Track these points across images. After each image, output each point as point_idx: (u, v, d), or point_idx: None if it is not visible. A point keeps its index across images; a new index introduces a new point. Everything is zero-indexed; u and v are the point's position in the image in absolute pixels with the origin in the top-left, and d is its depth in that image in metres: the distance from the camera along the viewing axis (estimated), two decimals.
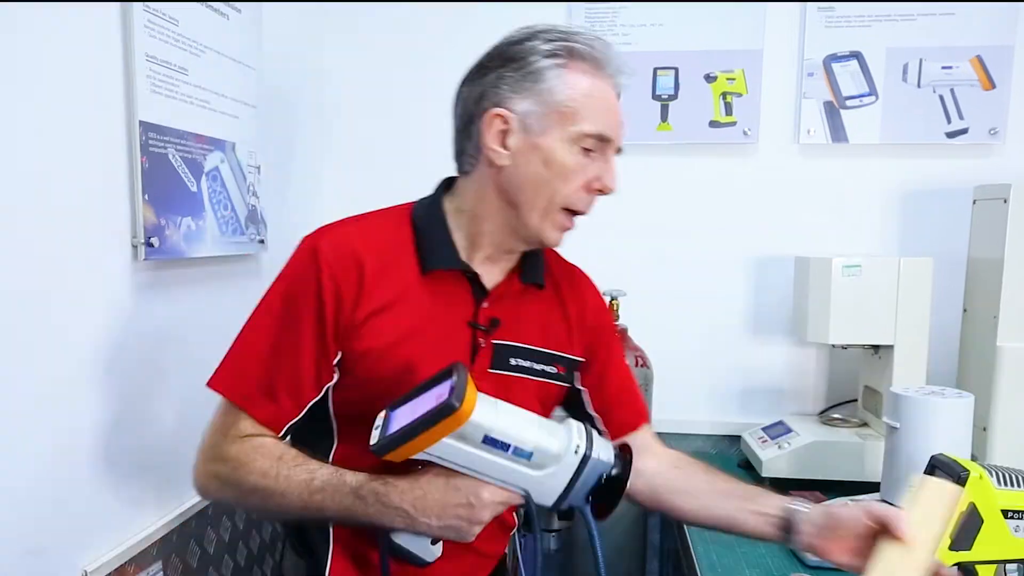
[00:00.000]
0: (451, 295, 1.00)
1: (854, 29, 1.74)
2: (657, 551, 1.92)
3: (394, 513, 0.87)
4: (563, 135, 0.95)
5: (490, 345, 1.01)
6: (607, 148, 0.98)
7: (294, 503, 0.90)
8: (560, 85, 0.95)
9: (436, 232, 1.01)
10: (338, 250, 0.95)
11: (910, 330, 1.50)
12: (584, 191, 0.98)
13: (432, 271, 0.98)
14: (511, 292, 1.03)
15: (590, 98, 0.95)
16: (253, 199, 1.63)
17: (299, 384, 0.95)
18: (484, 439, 0.83)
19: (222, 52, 1.48)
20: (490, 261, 1.02)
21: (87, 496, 1.17)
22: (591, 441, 0.87)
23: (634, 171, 1.84)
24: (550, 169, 0.95)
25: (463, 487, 0.86)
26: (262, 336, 0.96)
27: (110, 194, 1.19)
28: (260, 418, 0.94)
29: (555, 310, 1.09)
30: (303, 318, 0.94)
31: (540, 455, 0.85)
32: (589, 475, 0.86)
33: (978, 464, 0.87)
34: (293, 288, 0.96)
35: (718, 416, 1.88)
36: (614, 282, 1.82)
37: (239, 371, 0.96)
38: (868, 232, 1.79)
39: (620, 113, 0.99)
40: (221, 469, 0.93)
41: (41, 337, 1.06)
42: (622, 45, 1.81)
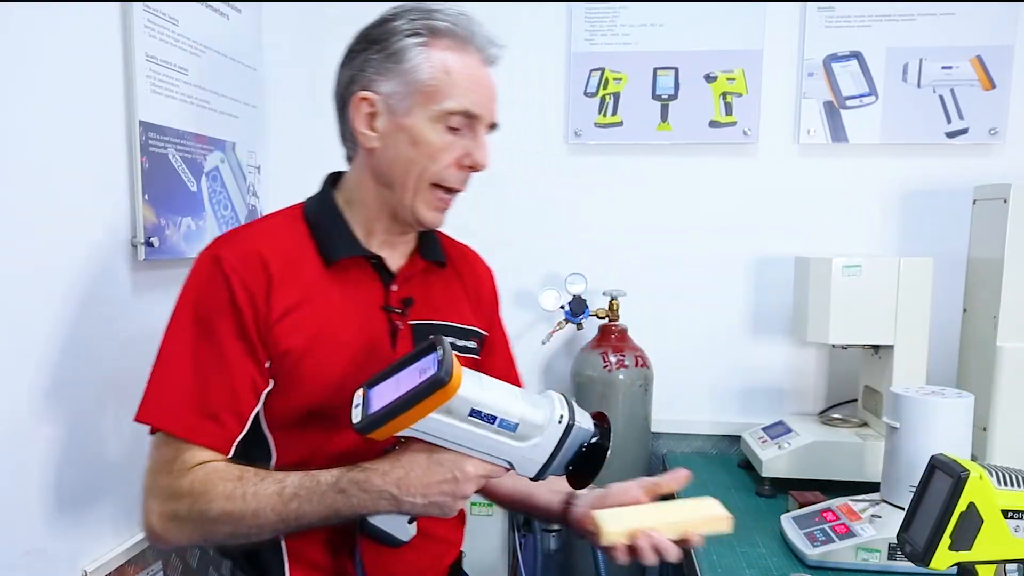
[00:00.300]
0: (359, 283, 1.00)
1: (854, 29, 1.74)
2: None
3: (378, 497, 0.85)
4: (428, 114, 0.95)
5: (408, 327, 1.01)
6: (476, 124, 0.98)
7: (268, 518, 0.86)
8: (423, 64, 0.94)
9: (332, 224, 1.01)
10: (241, 254, 0.94)
11: (910, 330, 1.50)
12: (455, 168, 0.98)
13: (336, 263, 0.98)
14: (416, 272, 1.05)
15: (453, 75, 0.95)
16: (253, 199, 1.63)
17: (236, 397, 0.92)
18: (471, 412, 0.82)
19: (222, 52, 1.48)
20: (388, 245, 1.04)
21: (87, 496, 1.17)
22: (573, 410, 0.88)
23: (634, 171, 1.85)
24: (417, 148, 0.96)
25: (447, 462, 0.85)
26: (185, 359, 0.91)
27: (110, 194, 1.20)
28: (206, 443, 0.90)
29: (457, 287, 1.12)
30: (222, 330, 0.91)
31: (525, 426, 0.85)
32: (571, 444, 0.87)
33: (978, 464, 0.87)
34: (204, 303, 0.93)
35: (718, 416, 1.87)
36: (614, 282, 1.82)
37: (170, 400, 0.91)
38: (868, 232, 1.79)
39: (491, 87, 0.99)
40: (178, 507, 0.88)
41: (42, 336, 1.06)
42: (622, 45, 1.81)
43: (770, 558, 1.26)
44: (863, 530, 1.21)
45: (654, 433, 1.83)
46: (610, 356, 1.72)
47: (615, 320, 1.78)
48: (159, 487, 0.90)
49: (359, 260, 1.01)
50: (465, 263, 1.16)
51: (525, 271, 1.89)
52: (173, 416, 0.90)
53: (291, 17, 1.79)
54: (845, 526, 1.23)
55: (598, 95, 1.83)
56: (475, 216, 1.88)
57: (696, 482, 1.63)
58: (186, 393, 0.90)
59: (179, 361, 0.92)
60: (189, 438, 0.90)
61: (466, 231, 1.29)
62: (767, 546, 1.30)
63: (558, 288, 1.79)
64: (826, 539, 1.22)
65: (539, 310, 1.83)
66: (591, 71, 1.83)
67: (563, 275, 1.80)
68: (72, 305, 1.12)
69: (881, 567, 1.18)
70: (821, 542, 1.22)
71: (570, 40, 1.83)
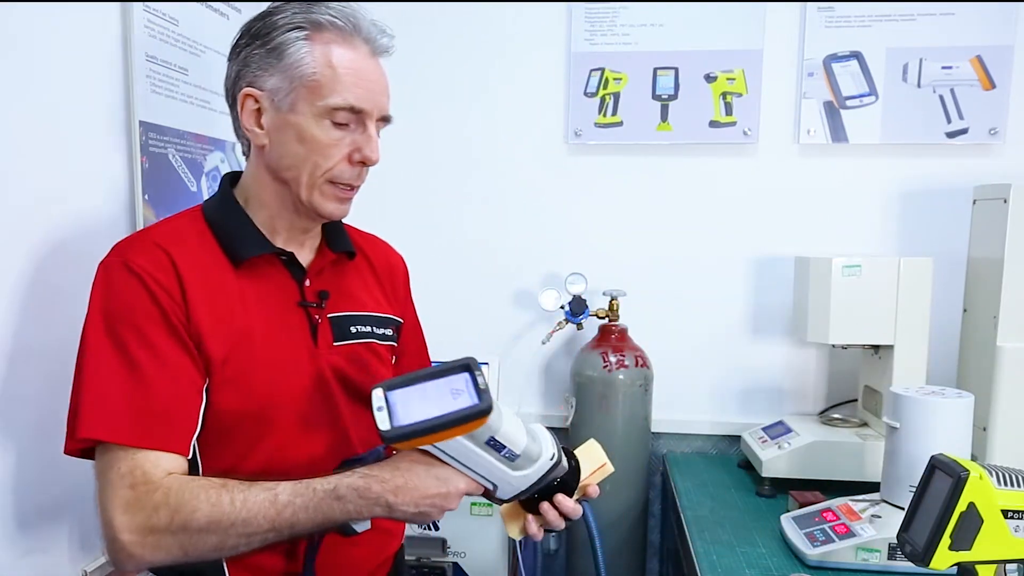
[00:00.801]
0: (271, 281, 0.98)
1: (854, 29, 1.74)
2: (657, 551, 1.92)
3: (374, 504, 0.85)
4: (312, 110, 0.92)
5: (327, 320, 1.01)
6: (364, 119, 0.94)
7: (261, 526, 0.83)
8: (305, 58, 0.92)
9: (235, 223, 0.97)
10: (141, 250, 0.90)
11: (910, 330, 1.50)
12: (347, 163, 0.95)
13: (244, 262, 0.95)
14: (327, 264, 1.03)
15: (337, 69, 0.92)
16: None
17: (181, 394, 0.87)
18: (488, 440, 0.85)
19: (222, 52, 1.48)
20: (295, 240, 1.01)
21: (88, 496, 1.17)
22: (559, 449, 0.93)
23: (634, 171, 1.85)
24: (305, 145, 0.93)
25: (443, 477, 0.87)
26: (115, 367, 0.85)
27: (110, 194, 1.19)
28: (163, 446, 0.85)
29: (369, 276, 1.11)
30: (150, 330, 0.87)
31: (524, 458, 0.89)
32: (550, 478, 0.91)
33: (978, 464, 0.87)
34: (123, 308, 0.87)
35: (718, 416, 1.88)
36: (614, 282, 1.82)
37: (112, 411, 0.84)
38: (868, 232, 1.79)
39: (379, 79, 0.96)
40: (156, 520, 0.81)
41: (41, 337, 1.06)
42: (622, 45, 1.81)
43: (770, 558, 1.26)
44: (863, 530, 1.21)
45: (654, 433, 1.83)
46: (610, 356, 1.72)
47: (615, 320, 1.78)
48: (123, 502, 0.82)
49: (268, 258, 0.98)
50: (376, 251, 1.14)
51: (525, 271, 1.89)
52: (117, 425, 0.83)
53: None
54: (845, 526, 1.23)
55: (598, 95, 1.83)
56: (476, 216, 1.89)
57: (696, 482, 1.65)
58: (125, 400, 0.84)
59: (110, 369, 0.85)
60: (141, 444, 0.83)
61: (467, 231, 1.29)
62: (767, 546, 1.30)
63: (558, 288, 1.79)
64: (826, 539, 1.22)
65: (539, 310, 1.83)
66: (591, 71, 1.83)
67: (563, 275, 1.80)
68: (72, 305, 1.12)
69: (881, 567, 1.18)
70: (821, 542, 1.22)
71: (570, 40, 1.83)
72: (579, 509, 0.95)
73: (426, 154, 1.90)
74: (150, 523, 0.82)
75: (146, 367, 0.86)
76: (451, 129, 1.89)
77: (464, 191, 1.89)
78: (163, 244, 0.91)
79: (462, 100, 1.87)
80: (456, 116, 1.88)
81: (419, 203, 1.93)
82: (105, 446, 0.84)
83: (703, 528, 1.39)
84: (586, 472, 0.97)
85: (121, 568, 0.84)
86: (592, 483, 0.97)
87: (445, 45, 1.85)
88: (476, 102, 1.87)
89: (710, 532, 1.38)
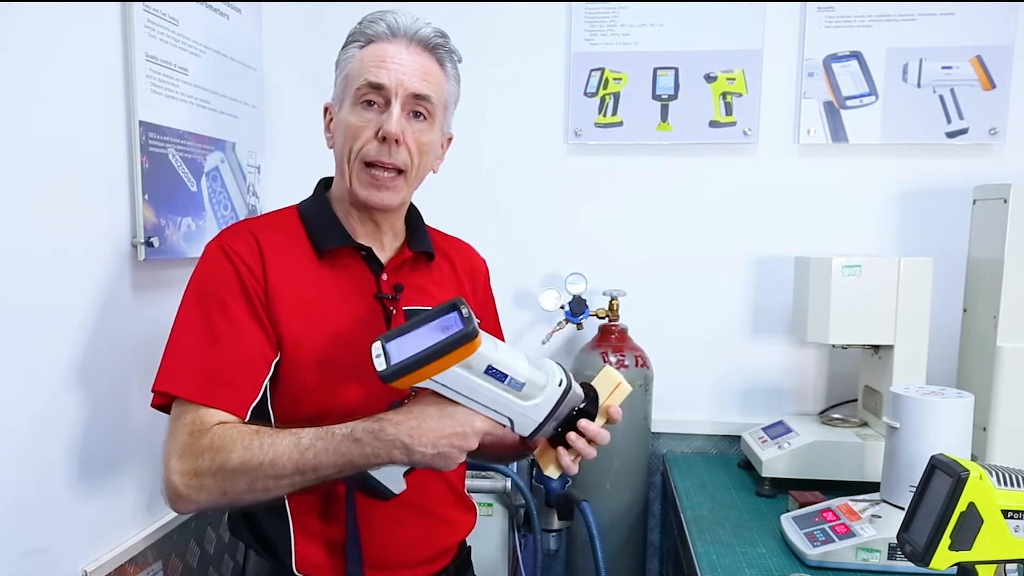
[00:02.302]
0: (351, 273, 1.06)
1: (854, 29, 1.74)
2: (657, 551, 1.92)
3: (391, 446, 0.88)
4: (349, 101, 1.03)
5: (401, 312, 1.07)
6: (387, 96, 1.01)
7: (286, 468, 0.89)
8: (351, 62, 1.04)
9: (324, 218, 1.08)
10: (235, 234, 1.03)
11: (910, 330, 1.50)
12: (375, 142, 1.02)
13: (327, 253, 1.04)
14: (405, 262, 1.10)
15: (363, 59, 1.02)
16: (253, 199, 1.63)
17: (248, 364, 0.96)
18: (487, 369, 0.88)
19: (222, 52, 1.48)
20: (376, 239, 1.09)
21: (87, 496, 1.17)
22: (570, 376, 0.95)
23: (634, 171, 1.85)
24: (344, 132, 1.03)
25: (456, 415, 0.90)
26: (197, 332, 0.96)
27: (110, 194, 1.19)
28: (221, 406, 0.94)
29: (449, 275, 1.17)
30: (232, 303, 0.97)
31: (530, 386, 0.91)
32: (566, 407, 0.94)
33: (978, 464, 0.87)
34: (212, 282, 0.99)
35: (718, 416, 1.88)
36: (614, 282, 1.82)
37: (185, 369, 0.95)
38: (868, 232, 1.79)
39: (406, 61, 1.02)
40: (199, 463, 0.90)
41: (41, 337, 1.06)
42: (622, 45, 1.81)
43: (770, 558, 1.26)
44: (863, 530, 1.21)
45: (654, 433, 1.83)
46: (610, 356, 1.72)
47: (615, 320, 1.78)
48: (180, 447, 0.92)
49: (349, 251, 1.06)
50: (459, 253, 1.22)
51: (525, 271, 1.89)
52: (188, 383, 0.94)
53: (291, 17, 1.79)
54: (845, 526, 1.23)
55: (598, 95, 1.83)
56: (476, 216, 1.88)
57: (696, 482, 1.65)
58: (200, 361, 0.95)
59: (191, 334, 0.96)
60: (205, 402, 0.93)
61: (467, 231, 1.29)
62: (767, 546, 1.30)
63: (558, 288, 1.79)
64: (826, 539, 1.22)
65: (539, 310, 1.83)
66: (591, 71, 1.83)
67: (563, 275, 1.80)
68: (72, 305, 1.12)
69: (881, 567, 1.18)
70: (821, 542, 1.22)
71: (570, 40, 1.83)
72: (606, 434, 0.98)
73: None
74: (196, 466, 0.90)
75: (223, 335, 0.96)
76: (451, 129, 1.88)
77: (464, 191, 1.89)
78: (254, 230, 1.03)
79: (462, 100, 1.87)
80: (456, 116, 1.88)
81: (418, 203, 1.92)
82: (177, 400, 0.95)
83: (703, 528, 1.39)
84: (603, 396, 0.99)
85: (175, 508, 0.94)
86: (612, 404, 0.99)
87: None
88: (476, 102, 1.87)
89: (710, 532, 1.38)
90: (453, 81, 1.12)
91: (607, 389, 1.00)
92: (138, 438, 1.26)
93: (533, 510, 1.64)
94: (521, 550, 1.73)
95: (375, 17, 1.04)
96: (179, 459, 0.91)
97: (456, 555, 1.14)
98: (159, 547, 1.31)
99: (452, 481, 1.10)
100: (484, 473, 1.69)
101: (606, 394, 0.99)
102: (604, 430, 0.98)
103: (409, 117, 1.03)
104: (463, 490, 1.16)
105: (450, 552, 1.13)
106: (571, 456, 0.98)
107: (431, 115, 1.06)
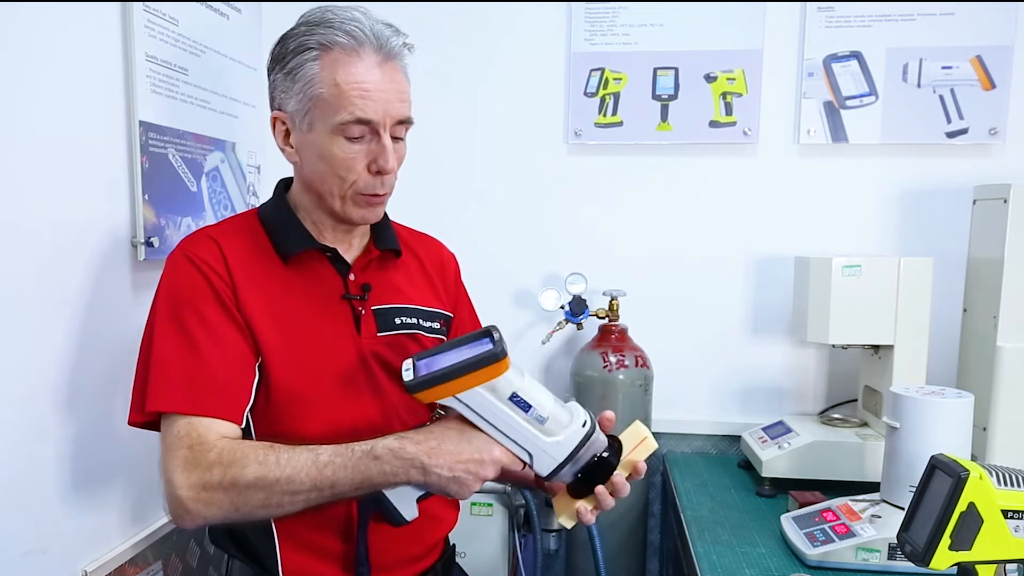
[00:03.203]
0: (317, 276, 1.04)
1: (854, 29, 1.74)
2: (657, 551, 1.92)
3: (409, 465, 0.88)
4: (326, 128, 0.96)
5: (370, 312, 1.05)
6: (376, 128, 0.97)
7: (303, 484, 0.87)
8: (314, 79, 0.95)
9: (285, 222, 1.05)
10: (197, 242, 1.00)
11: (910, 330, 1.50)
12: (369, 174, 0.99)
13: (292, 256, 1.02)
14: (372, 261, 1.08)
15: (341, 86, 0.95)
16: (253, 199, 1.63)
17: (236, 369, 0.95)
18: (511, 396, 0.88)
19: (222, 52, 1.48)
20: (342, 240, 1.07)
21: (87, 496, 1.17)
22: (594, 422, 0.94)
23: (634, 171, 1.85)
24: (326, 163, 0.98)
25: (476, 441, 0.89)
26: (177, 346, 0.94)
27: (110, 194, 1.20)
28: (215, 414, 0.92)
29: (418, 273, 1.15)
30: (208, 311, 0.95)
31: (553, 422, 0.90)
32: (587, 451, 0.92)
33: (978, 464, 0.87)
34: (182, 291, 0.96)
35: (718, 416, 1.87)
36: (614, 282, 1.82)
37: (171, 384, 0.92)
38: (868, 232, 1.79)
39: (388, 86, 0.97)
40: (208, 477, 0.88)
41: (41, 337, 1.06)
42: (622, 45, 1.81)
43: (770, 558, 1.26)
44: (863, 530, 1.21)
45: (654, 433, 1.82)
46: (610, 356, 1.72)
47: (615, 320, 1.78)
48: (182, 461, 0.89)
49: (314, 253, 1.04)
50: (426, 248, 1.20)
51: (525, 271, 1.89)
52: (175, 396, 0.92)
53: (291, 17, 1.78)
54: (845, 526, 1.23)
55: (598, 95, 1.83)
56: (476, 216, 1.89)
57: (696, 482, 1.65)
58: (187, 374, 0.93)
59: (172, 348, 0.94)
60: (195, 411, 0.91)
61: (467, 231, 1.29)
62: (767, 546, 1.30)
63: (558, 288, 1.79)
64: (826, 539, 1.22)
65: (539, 310, 1.83)
66: (591, 71, 1.83)
67: (563, 275, 1.80)
68: (72, 305, 1.12)
69: (881, 567, 1.18)
70: (821, 542, 1.22)
71: (570, 40, 1.83)
72: (626, 486, 0.97)
73: (426, 154, 1.90)
74: (204, 480, 0.88)
75: (203, 344, 0.94)
76: (451, 129, 1.88)
77: (464, 191, 1.89)
78: (215, 236, 1.01)
79: (462, 100, 1.87)
80: (456, 116, 1.88)
81: (418, 203, 1.92)
82: (168, 416, 0.92)
83: (703, 528, 1.39)
84: (627, 449, 0.98)
85: (180, 524, 0.91)
86: (637, 459, 0.97)
87: (445, 45, 1.85)
88: (476, 102, 1.87)
89: (710, 532, 1.38)
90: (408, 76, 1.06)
91: (632, 443, 0.98)
92: (138, 438, 1.26)
93: (533, 510, 1.65)
94: (521, 550, 1.73)
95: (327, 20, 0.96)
96: (183, 473, 0.88)
97: (443, 551, 1.15)
98: (159, 547, 1.31)
99: None
100: None
101: (631, 447, 0.98)
102: (627, 483, 0.97)
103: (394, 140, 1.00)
104: None
105: (437, 548, 1.13)
106: (590, 506, 0.96)
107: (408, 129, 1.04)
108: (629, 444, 0.98)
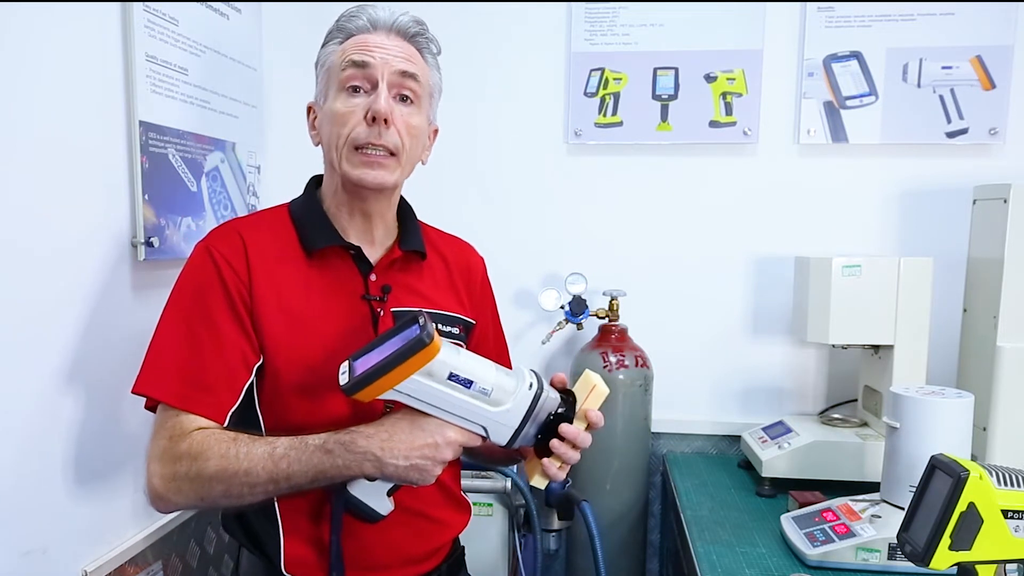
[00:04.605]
0: (339, 274, 1.05)
1: (854, 29, 1.74)
2: (657, 551, 1.92)
3: (363, 458, 0.89)
4: (334, 90, 1.02)
5: (389, 313, 1.05)
6: (373, 76, 1.00)
7: (260, 476, 0.90)
8: (329, 57, 1.04)
9: (314, 217, 1.07)
10: (221, 234, 1.03)
11: (910, 330, 1.50)
12: (364, 125, 1.01)
13: (316, 252, 1.03)
14: (395, 262, 1.09)
15: (344, 50, 1.02)
16: (253, 199, 1.63)
17: (228, 370, 0.96)
18: (449, 375, 0.88)
19: (222, 52, 1.48)
20: (367, 236, 1.08)
21: (87, 495, 1.17)
22: (541, 381, 0.94)
23: (634, 171, 1.85)
24: (332, 122, 1.02)
25: (428, 427, 0.90)
26: (179, 335, 0.97)
27: (110, 194, 1.19)
28: (201, 412, 0.94)
29: (442, 277, 1.15)
30: (214, 307, 0.97)
31: (498, 392, 0.90)
32: (540, 412, 0.92)
33: (978, 464, 0.87)
34: (195, 283, 0.99)
35: (718, 416, 1.88)
36: (614, 282, 1.82)
37: (165, 373, 0.95)
38: (868, 232, 1.79)
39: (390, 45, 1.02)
40: (178, 468, 0.91)
41: (41, 337, 1.06)
42: (622, 45, 1.81)
43: (770, 558, 1.26)
44: (863, 530, 1.21)
45: (654, 433, 1.83)
46: (610, 356, 1.72)
47: (615, 320, 1.78)
48: (160, 451, 0.93)
49: (338, 251, 1.05)
50: (454, 252, 1.20)
51: (525, 271, 1.89)
52: (168, 387, 0.95)
53: (291, 17, 1.79)
54: (845, 526, 1.23)
55: (598, 95, 1.83)
56: (476, 216, 1.88)
57: (696, 482, 1.65)
58: (180, 366, 0.95)
59: (173, 337, 0.97)
60: (183, 407, 0.94)
61: (467, 231, 1.29)
62: (767, 546, 1.30)
63: (558, 288, 1.79)
64: (826, 539, 1.22)
65: (539, 310, 1.83)
66: (591, 71, 1.83)
67: (563, 275, 1.80)
68: (72, 305, 1.12)
69: (881, 567, 1.18)
70: (821, 542, 1.22)
71: (570, 40, 1.83)
72: (587, 436, 0.96)
73: None
74: (174, 471, 0.92)
75: (204, 342, 0.96)
76: (451, 129, 1.87)
77: (464, 191, 1.89)
78: (242, 231, 1.03)
79: (462, 100, 1.87)
80: (456, 116, 1.87)
81: (418, 203, 1.92)
82: (161, 404, 0.96)
83: (703, 528, 1.39)
84: (581, 400, 0.97)
85: (155, 508, 0.95)
86: (591, 408, 0.97)
87: (444, 45, 1.84)
88: (476, 102, 1.87)
89: (710, 532, 1.38)
90: (435, 71, 1.10)
91: (584, 393, 0.98)
92: (137, 438, 1.26)
93: (533, 510, 1.64)
94: (521, 550, 1.73)
95: (353, 13, 1.04)
96: (158, 463, 0.93)
97: (449, 554, 1.14)
98: (159, 547, 1.31)
99: (444, 482, 1.09)
100: (484, 473, 1.69)
101: (584, 398, 0.97)
102: (585, 433, 0.96)
103: (396, 99, 1.02)
104: (458, 490, 1.15)
105: (442, 551, 1.12)
106: (556, 464, 0.97)
107: (418, 97, 1.05)
108: (581, 395, 0.97)
